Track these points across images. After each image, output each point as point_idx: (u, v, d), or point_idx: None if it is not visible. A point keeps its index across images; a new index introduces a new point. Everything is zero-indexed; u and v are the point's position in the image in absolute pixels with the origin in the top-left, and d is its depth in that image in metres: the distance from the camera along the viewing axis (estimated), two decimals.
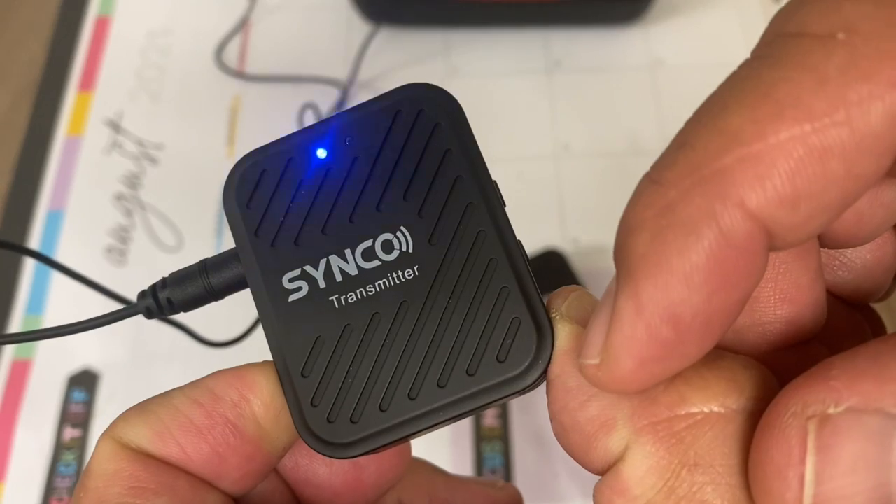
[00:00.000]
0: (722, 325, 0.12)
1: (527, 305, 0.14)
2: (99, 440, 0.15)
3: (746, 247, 0.11)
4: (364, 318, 0.14)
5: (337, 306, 0.14)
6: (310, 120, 0.48)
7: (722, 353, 0.14)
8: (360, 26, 0.52)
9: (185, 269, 0.16)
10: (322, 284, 0.15)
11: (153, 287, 0.16)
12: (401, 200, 0.15)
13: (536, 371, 0.14)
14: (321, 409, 0.14)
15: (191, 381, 0.16)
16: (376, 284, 0.14)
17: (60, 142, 0.49)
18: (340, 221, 0.15)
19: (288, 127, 0.48)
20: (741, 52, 0.61)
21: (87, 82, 0.51)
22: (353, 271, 0.15)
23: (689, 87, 0.49)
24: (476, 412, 0.14)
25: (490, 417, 0.40)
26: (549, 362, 0.14)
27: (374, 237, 0.15)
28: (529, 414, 0.40)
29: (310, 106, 0.48)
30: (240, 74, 0.51)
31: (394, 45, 0.51)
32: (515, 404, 0.40)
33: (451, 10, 0.49)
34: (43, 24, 0.54)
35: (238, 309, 0.22)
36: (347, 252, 0.15)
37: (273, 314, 0.15)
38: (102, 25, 0.54)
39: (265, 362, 0.16)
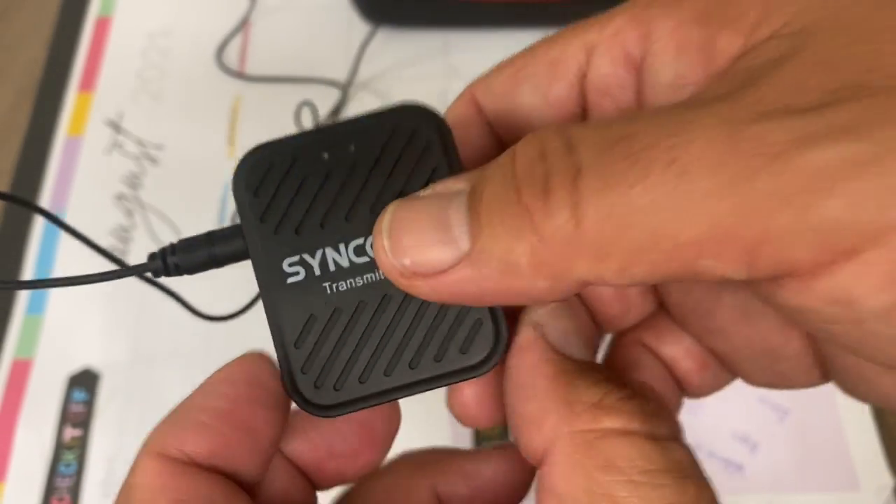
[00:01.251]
0: None
1: (489, 311, 0.17)
2: (138, 456, 0.17)
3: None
4: (352, 304, 0.17)
5: (329, 292, 0.17)
6: (307, 119, 0.48)
7: (633, 391, 0.16)
8: (360, 27, 0.52)
9: (193, 237, 0.18)
10: (317, 272, 0.17)
11: (163, 250, 0.18)
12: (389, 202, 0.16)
13: (490, 363, 0.17)
14: (309, 376, 0.17)
15: (200, 383, 0.18)
16: (364, 277, 0.17)
17: (61, 142, 0.49)
18: (337, 218, 0.17)
19: (288, 127, 0.49)
20: None
21: (88, 83, 0.52)
22: (345, 263, 0.17)
23: None
24: (437, 388, 0.17)
25: None
26: (501, 357, 0.17)
27: (366, 236, 0.17)
28: None
29: (307, 104, 0.48)
30: (240, 75, 0.51)
31: (394, 45, 0.52)
32: None
33: (450, 10, 0.50)
34: (44, 24, 0.54)
35: (234, 291, 0.22)
36: (341, 246, 0.17)
37: (273, 293, 0.17)
38: (103, 26, 0.54)
39: (259, 352, 0.18)
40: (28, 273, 0.45)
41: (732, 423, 0.39)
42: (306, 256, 0.17)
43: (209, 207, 0.47)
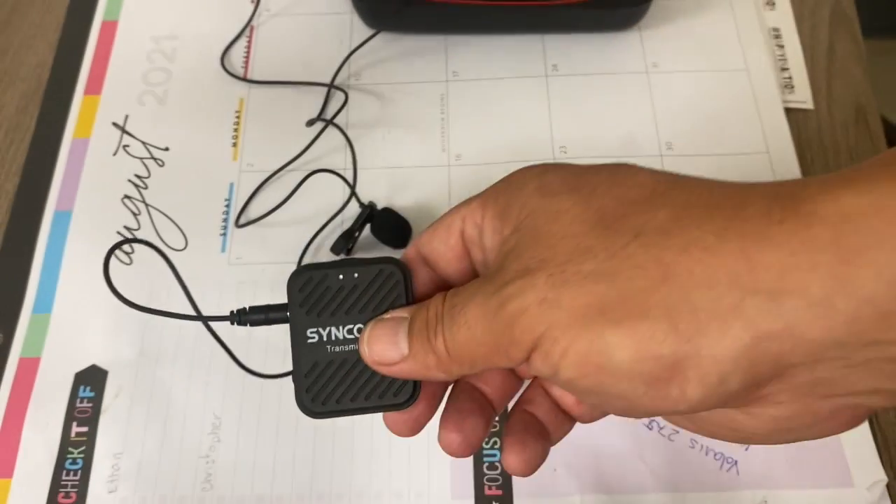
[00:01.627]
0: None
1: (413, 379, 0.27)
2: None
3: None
4: (339, 359, 0.27)
5: (328, 350, 0.27)
6: (319, 124, 0.49)
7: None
8: (362, 31, 0.52)
9: (257, 305, 0.28)
10: (325, 338, 0.27)
11: (241, 310, 0.28)
12: (371, 310, 0.27)
13: (410, 403, 0.27)
14: (310, 394, 0.27)
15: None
16: (350, 346, 0.27)
17: (68, 144, 0.50)
18: (342, 311, 0.27)
19: (290, 129, 0.49)
20: (735, 57, 0.61)
21: (94, 86, 0.52)
22: (341, 336, 0.27)
23: (684, 92, 0.50)
24: (379, 412, 0.27)
25: None
26: (415, 401, 0.27)
27: (354, 323, 0.27)
28: None
29: (313, 118, 0.49)
30: (244, 78, 0.52)
31: (395, 49, 0.52)
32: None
33: (450, 16, 0.50)
34: (50, 28, 0.55)
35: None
36: (341, 326, 0.27)
37: (298, 345, 0.27)
38: (109, 30, 0.55)
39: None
40: (35, 272, 0.46)
41: None
42: (321, 329, 0.27)
43: (214, 209, 0.47)
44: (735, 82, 0.50)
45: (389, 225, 0.45)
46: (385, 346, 0.26)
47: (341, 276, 0.27)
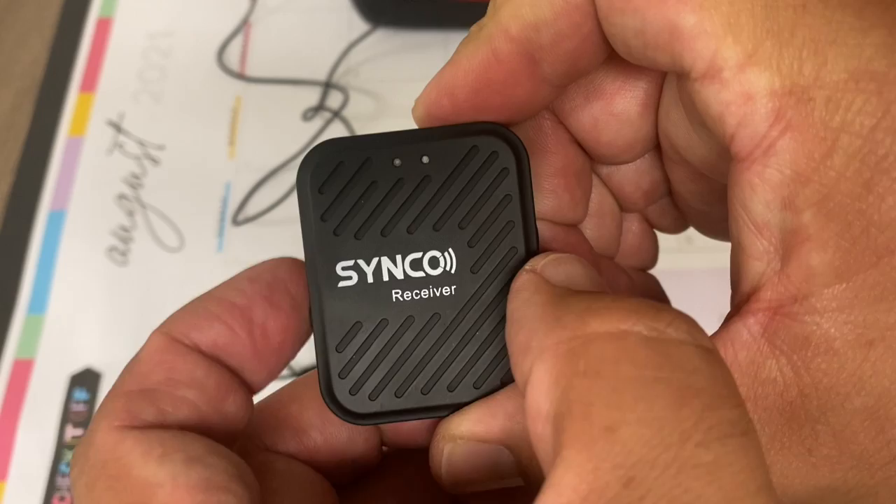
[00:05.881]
0: (485, 110, 0.17)
1: None
2: (151, 335, 0.18)
3: (507, 61, 0.17)
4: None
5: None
6: (317, 122, 0.49)
7: (636, 285, 0.19)
8: (360, 27, 0.52)
9: None
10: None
11: None
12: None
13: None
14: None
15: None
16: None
17: (62, 142, 0.49)
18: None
19: (289, 127, 0.49)
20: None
21: (89, 83, 0.52)
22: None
23: None
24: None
25: None
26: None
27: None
28: None
29: (312, 108, 0.48)
30: (241, 76, 0.51)
31: (394, 46, 0.52)
32: None
33: (449, 11, 0.50)
34: (45, 25, 0.54)
35: None
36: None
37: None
38: (104, 27, 0.54)
39: (292, 258, 0.19)
40: (29, 273, 0.45)
41: None
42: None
43: (210, 208, 0.47)
44: None
45: None
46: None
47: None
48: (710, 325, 0.15)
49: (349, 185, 0.16)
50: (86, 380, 0.42)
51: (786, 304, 0.15)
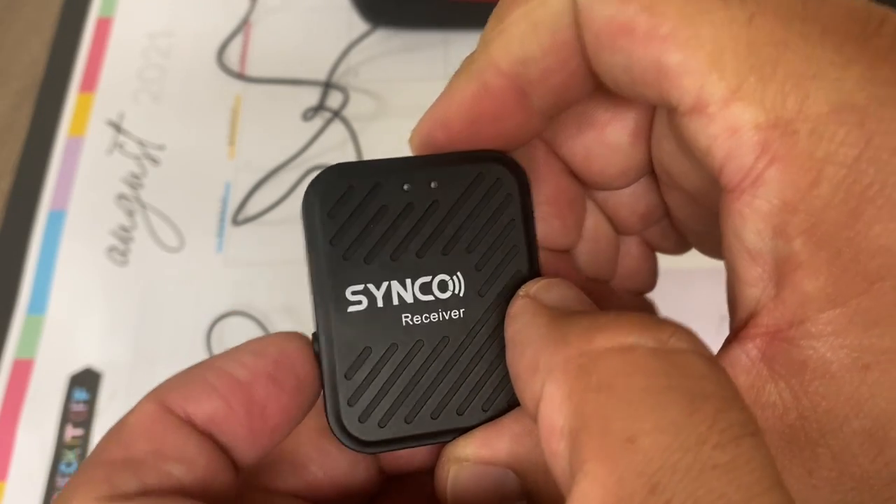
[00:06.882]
0: (478, 140, 0.18)
1: None
2: (142, 399, 0.17)
3: (498, 94, 0.17)
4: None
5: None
6: (317, 121, 0.49)
7: (627, 308, 0.18)
8: (360, 27, 0.52)
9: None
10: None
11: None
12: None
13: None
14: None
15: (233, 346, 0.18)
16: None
17: (62, 142, 0.49)
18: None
19: (289, 127, 0.49)
20: None
21: (89, 83, 0.52)
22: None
23: None
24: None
25: None
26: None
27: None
28: None
29: (312, 108, 0.48)
30: (241, 76, 0.51)
31: (394, 46, 0.52)
32: None
33: (450, 11, 0.50)
34: (44, 25, 0.54)
35: None
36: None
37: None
38: (104, 26, 0.54)
39: (300, 334, 0.18)
40: (29, 273, 0.45)
41: None
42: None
43: (210, 207, 0.47)
44: None
45: None
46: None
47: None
48: (710, 326, 0.15)
49: (359, 209, 0.16)
50: (86, 380, 0.42)
51: (782, 329, 0.15)
